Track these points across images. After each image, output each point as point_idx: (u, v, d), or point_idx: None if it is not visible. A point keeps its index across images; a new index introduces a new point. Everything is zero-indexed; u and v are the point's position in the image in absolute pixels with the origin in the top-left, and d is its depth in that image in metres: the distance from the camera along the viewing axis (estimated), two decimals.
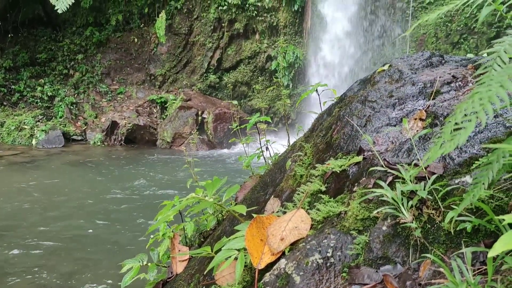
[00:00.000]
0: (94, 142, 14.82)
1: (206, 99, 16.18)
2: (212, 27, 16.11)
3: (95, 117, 15.92)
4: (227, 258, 1.51)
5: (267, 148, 3.18)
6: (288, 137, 3.18)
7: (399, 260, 1.24)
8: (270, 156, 3.06)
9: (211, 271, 1.63)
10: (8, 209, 8.11)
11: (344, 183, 1.65)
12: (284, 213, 1.66)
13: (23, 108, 15.66)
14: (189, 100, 15.73)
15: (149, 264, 2.46)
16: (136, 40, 17.18)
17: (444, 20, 13.15)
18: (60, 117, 15.47)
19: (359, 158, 1.67)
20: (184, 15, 16.35)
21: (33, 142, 14.32)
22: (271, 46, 15.87)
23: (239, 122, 3.63)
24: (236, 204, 2.45)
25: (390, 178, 1.45)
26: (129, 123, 14.96)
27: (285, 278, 1.31)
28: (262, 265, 1.41)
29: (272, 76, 15.95)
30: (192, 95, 16.17)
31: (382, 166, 1.50)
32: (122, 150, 14.20)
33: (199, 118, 15.02)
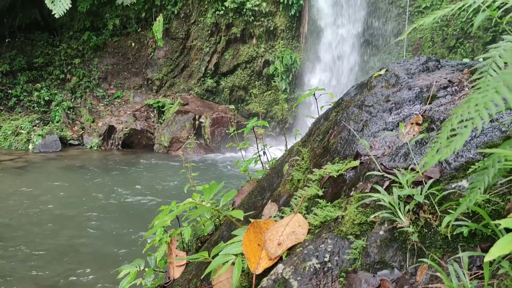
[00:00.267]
0: (91, 147, 14.79)
1: (204, 104, 16.18)
2: (209, 32, 16.13)
3: (92, 122, 15.89)
4: (225, 263, 1.51)
5: (265, 153, 3.18)
6: (286, 142, 3.19)
7: (396, 265, 1.24)
8: (268, 161, 3.06)
9: (208, 276, 1.63)
10: (4, 215, 8.07)
11: (341, 188, 1.65)
12: (282, 218, 1.66)
13: (20, 113, 15.63)
14: (186, 105, 15.73)
15: (146, 270, 2.46)
16: (133, 45, 17.19)
17: (441, 25, 13.21)
18: (57, 122, 15.43)
19: (356, 163, 1.67)
20: (181, 20, 16.38)
21: (30, 147, 14.28)
22: (268, 51, 15.90)
23: (237, 127, 3.64)
24: (234, 209, 2.45)
25: (387, 183, 1.45)
26: (126, 128, 14.94)
27: (283, 283, 1.31)
28: (260, 270, 1.41)
29: (269, 81, 15.97)
30: (190, 100, 16.17)
31: (379, 171, 1.50)
32: (119, 155, 14.17)
33: (197, 123, 15.02)
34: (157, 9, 16.43)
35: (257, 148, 3.14)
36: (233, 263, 1.48)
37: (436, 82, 1.97)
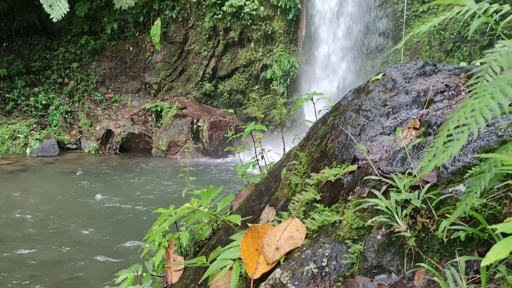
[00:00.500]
0: (89, 151, 14.76)
1: (201, 107, 16.19)
2: (207, 36, 16.16)
3: (90, 126, 15.87)
4: (222, 268, 1.51)
5: (263, 157, 3.18)
6: (284, 146, 3.19)
7: (394, 269, 1.24)
8: (266, 165, 3.06)
9: (206, 281, 1.63)
10: (1, 219, 8.04)
11: (339, 192, 1.66)
12: (279, 222, 1.66)
13: (17, 117, 15.60)
14: (184, 108, 15.72)
15: (144, 274, 2.45)
16: (131, 49, 17.20)
17: (438, 29, 13.27)
18: (55, 126, 15.41)
19: (354, 167, 1.68)
20: (179, 24, 16.40)
21: (27, 151, 14.25)
22: (266, 55, 15.93)
23: (235, 130, 3.64)
24: (231, 213, 2.45)
25: (385, 187, 1.46)
26: (124, 132, 14.93)
27: None
28: (257, 275, 1.41)
29: (267, 84, 15.99)
30: (187, 103, 16.18)
31: (377, 175, 1.51)
32: (117, 159, 14.15)
33: (194, 126, 15.01)
34: (155, 13, 16.46)
35: (255, 152, 3.14)
36: (231, 268, 1.48)
37: (433, 87, 1.98)
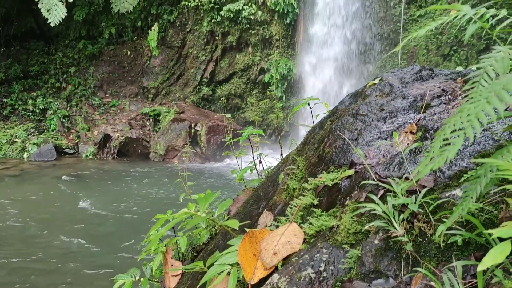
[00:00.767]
0: (87, 155, 14.74)
1: (199, 112, 16.19)
2: (205, 40, 16.19)
3: (88, 130, 15.86)
4: (220, 273, 1.50)
5: (260, 161, 3.18)
6: (281, 150, 3.19)
7: (391, 274, 1.24)
8: (263, 169, 3.06)
9: (204, 286, 1.63)
10: None
11: (336, 197, 1.66)
12: (277, 227, 1.66)
13: (15, 122, 15.58)
14: (182, 113, 15.73)
15: (142, 279, 2.44)
16: (129, 53, 17.22)
17: (435, 33, 13.32)
18: (52, 130, 15.39)
19: (351, 172, 1.68)
20: (177, 28, 16.43)
21: (25, 156, 14.21)
22: (264, 59, 15.97)
23: (233, 135, 3.64)
24: (229, 218, 2.45)
25: (382, 192, 1.46)
26: (122, 136, 14.91)
27: None
28: (255, 280, 1.41)
29: (265, 89, 16.02)
30: (185, 108, 16.18)
31: (374, 180, 1.51)
32: (114, 163, 14.13)
33: (192, 131, 15.01)
34: (153, 18, 16.49)
35: (253, 157, 3.15)
36: (229, 273, 1.48)
37: (430, 91, 1.99)
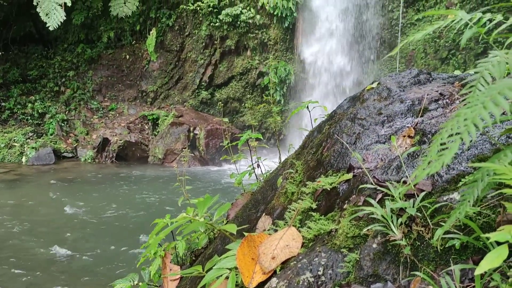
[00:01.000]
0: (85, 159, 14.72)
1: (198, 115, 16.20)
2: (204, 44, 16.21)
3: (86, 134, 15.84)
4: (218, 277, 1.50)
5: (259, 165, 3.18)
6: (280, 154, 3.20)
7: (390, 278, 1.25)
8: (262, 173, 3.06)
9: None
10: None
11: (335, 201, 1.66)
12: (276, 231, 1.66)
13: (13, 125, 15.55)
14: (181, 116, 15.73)
15: (140, 284, 2.44)
16: (128, 57, 17.23)
17: (433, 36, 13.36)
18: (51, 134, 15.37)
19: (349, 176, 1.68)
20: (176, 32, 16.46)
21: (23, 160, 14.19)
22: (263, 63, 15.99)
23: (231, 138, 3.65)
24: (228, 222, 2.45)
25: (380, 196, 1.46)
26: (121, 140, 14.90)
27: None
28: (254, 284, 1.40)
29: (264, 92, 16.02)
30: (184, 111, 16.18)
31: (372, 184, 1.51)
32: (113, 167, 14.11)
33: (191, 134, 15.00)
34: (152, 22, 16.51)
35: (251, 161, 3.15)
36: (227, 277, 1.48)
37: (428, 95, 2.00)
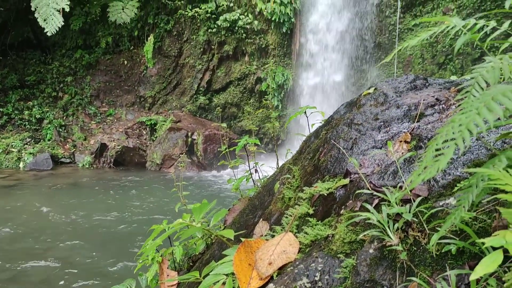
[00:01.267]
0: (83, 165, 14.69)
1: (196, 121, 16.20)
2: (202, 49, 16.25)
3: (84, 140, 15.82)
4: (215, 283, 1.50)
5: (256, 170, 3.19)
6: (277, 159, 3.20)
7: (386, 283, 1.25)
8: (259, 179, 3.07)
9: None
10: None
11: (332, 206, 1.66)
12: (273, 237, 1.66)
13: (11, 131, 15.53)
14: (179, 122, 15.73)
15: None
16: (126, 62, 17.24)
17: (430, 42, 13.42)
18: (49, 140, 15.34)
19: (346, 181, 1.69)
20: (174, 38, 16.49)
21: (21, 165, 14.16)
22: (261, 68, 16.03)
23: (229, 144, 3.65)
24: (225, 228, 2.45)
25: (376, 201, 1.46)
26: (118, 145, 14.89)
27: None
28: None
29: (262, 97, 16.05)
30: (182, 117, 16.18)
31: (368, 189, 1.52)
32: (111, 173, 14.08)
33: (189, 140, 15.00)
34: (150, 27, 16.55)
35: (249, 166, 3.15)
36: (224, 283, 1.48)
37: (424, 101, 2.00)
